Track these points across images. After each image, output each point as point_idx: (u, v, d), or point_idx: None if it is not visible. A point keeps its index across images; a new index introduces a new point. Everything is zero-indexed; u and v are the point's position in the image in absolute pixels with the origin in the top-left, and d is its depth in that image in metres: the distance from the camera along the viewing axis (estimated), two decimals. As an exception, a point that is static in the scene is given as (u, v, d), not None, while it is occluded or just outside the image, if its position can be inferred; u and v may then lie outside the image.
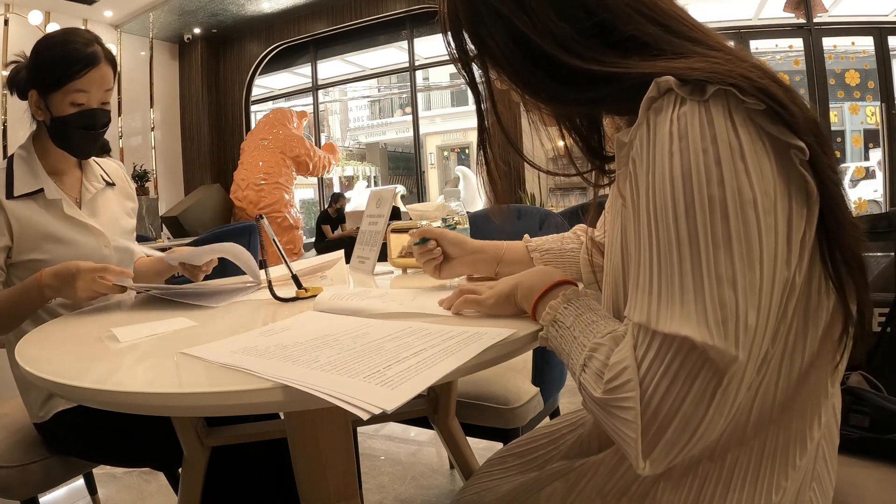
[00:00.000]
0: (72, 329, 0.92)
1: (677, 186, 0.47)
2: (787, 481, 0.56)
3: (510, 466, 0.80)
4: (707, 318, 0.46)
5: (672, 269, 0.48)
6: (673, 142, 0.48)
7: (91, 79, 1.12)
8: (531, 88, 0.63)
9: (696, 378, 0.46)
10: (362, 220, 1.38)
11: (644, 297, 0.50)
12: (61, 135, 1.16)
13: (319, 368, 0.57)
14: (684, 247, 0.47)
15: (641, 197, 0.51)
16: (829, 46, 6.23)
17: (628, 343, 0.50)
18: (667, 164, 0.48)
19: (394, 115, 13.66)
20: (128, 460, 1.20)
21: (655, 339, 0.48)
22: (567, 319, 0.59)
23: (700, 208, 0.46)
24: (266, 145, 7.25)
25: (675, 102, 0.49)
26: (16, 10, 6.57)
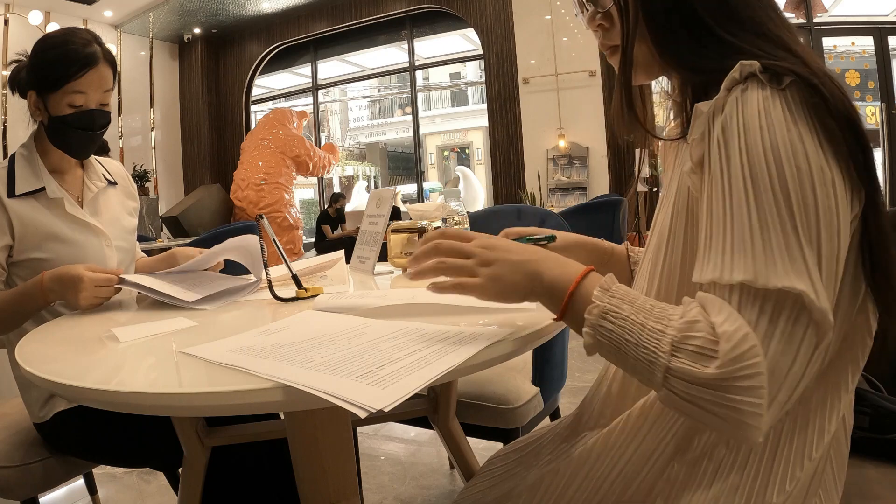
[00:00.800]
0: (72, 329, 0.92)
1: (769, 154, 0.50)
2: (802, 472, 0.57)
3: (511, 466, 0.80)
4: (811, 276, 0.48)
5: (774, 229, 0.49)
6: (761, 116, 0.51)
7: (89, 80, 1.11)
8: (665, 44, 0.62)
9: (804, 337, 0.48)
10: (362, 220, 1.38)
11: (745, 257, 0.49)
12: (59, 135, 1.15)
13: (313, 368, 0.57)
14: (782, 209, 0.49)
15: (733, 161, 0.52)
16: (829, 46, 6.24)
17: (729, 310, 0.49)
18: (758, 136, 0.51)
19: (394, 115, 13.67)
20: (128, 460, 1.20)
21: (769, 298, 0.48)
22: (622, 308, 0.53)
23: (790, 176, 0.49)
24: (266, 145, 7.26)
25: (757, 85, 0.52)
26: (16, 10, 6.57)
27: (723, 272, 0.50)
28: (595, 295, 0.54)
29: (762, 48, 0.57)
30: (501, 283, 0.60)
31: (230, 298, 1.04)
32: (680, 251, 0.63)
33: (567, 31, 6.63)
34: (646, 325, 0.51)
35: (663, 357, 0.49)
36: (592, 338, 0.54)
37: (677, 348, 0.49)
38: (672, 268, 0.63)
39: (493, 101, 7.08)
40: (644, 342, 0.51)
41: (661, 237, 0.65)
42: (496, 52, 7.05)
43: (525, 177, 6.88)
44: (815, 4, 6.03)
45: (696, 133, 0.57)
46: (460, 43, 8.91)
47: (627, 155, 6.35)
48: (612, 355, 0.54)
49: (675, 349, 0.49)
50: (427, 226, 1.22)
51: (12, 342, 1.12)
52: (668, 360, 0.49)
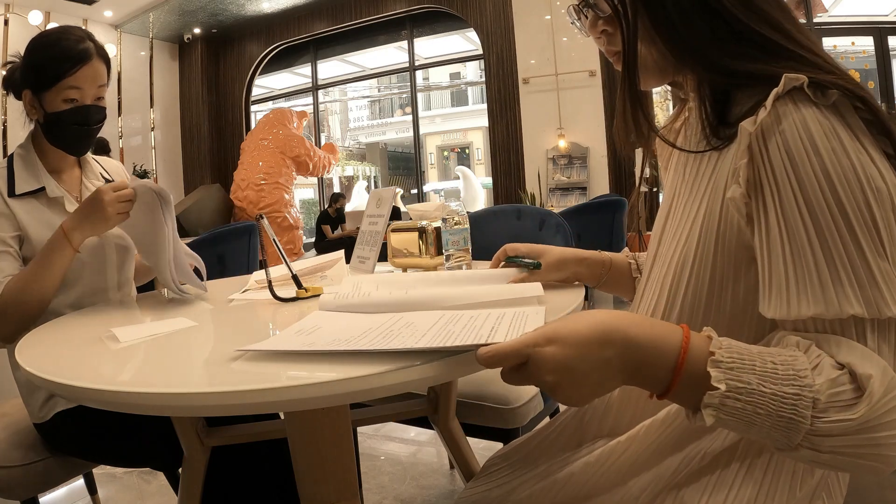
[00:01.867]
0: (72, 329, 0.92)
1: (851, 179, 0.49)
2: (813, 477, 0.57)
3: (511, 466, 0.80)
4: None
5: (872, 255, 0.48)
6: (829, 139, 0.50)
7: (83, 75, 1.12)
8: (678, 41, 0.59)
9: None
10: (362, 220, 1.38)
11: (851, 289, 0.48)
12: (55, 132, 1.15)
13: (413, 341, 0.57)
14: (874, 233, 0.48)
15: (808, 187, 0.50)
16: (829, 46, 6.23)
17: (858, 347, 0.48)
18: (833, 159, 0.49)
19: (394, 115, 13.66)
20: (128, 460, 1.20)
21: (882, 327, 0.48)
22: (747, 381, 0.47)
23: (873, 199, 0.48)
24: (266, 145, 7.26)
25: (807, 102, 0.51)
26: (16, 10, 6.57)
27: (828, 306, 0.49)
28: (713, 376, 0.48)
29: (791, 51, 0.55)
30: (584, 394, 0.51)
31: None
32: (708, 276, 0.60)
33: (567, 31, 6.62)
34: (776, 393, 0.47)
35: (805, 422, 0.46)
36: (716, 418, 0.48)
37: (821, 409, 0.46)
38: (698, 293, 0.61)
39: (493, 101, 7.07)
40: (779, 411, 0.47)
41: (684, 260, 0.62)
42: (496, 52, 7.05)
43: (525, 177, 6.88)
44: (815, 4, 6.03)
45: (743, 155, 0.53)
46: (460, 43, 8.91)
47: (627, 155, 6.35)
48: (739, 429, 0.49)
49: (818, 410, 0.46)
50: (427, 226, 1.22)
51: None
52: (811, 422, 0.46)
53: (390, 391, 0.55)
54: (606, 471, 0.65)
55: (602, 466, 0.65)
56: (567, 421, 0.78)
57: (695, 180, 0.64)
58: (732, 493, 0.57)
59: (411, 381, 0.56)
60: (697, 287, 0.61)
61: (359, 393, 0.55)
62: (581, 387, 0.50)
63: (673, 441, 0.61)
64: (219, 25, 8.63)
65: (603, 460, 0.65)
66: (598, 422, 0.73)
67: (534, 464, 0.76)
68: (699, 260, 0.60)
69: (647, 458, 0.62)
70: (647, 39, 0.61)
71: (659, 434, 0.62)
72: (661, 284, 0.66)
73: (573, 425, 0.76)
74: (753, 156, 0.53)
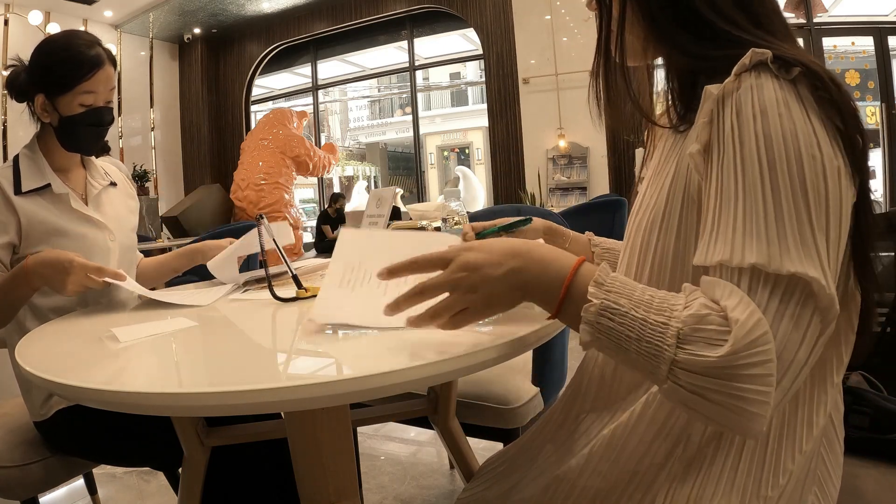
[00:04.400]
0: (72, 329, 0.92)
1: (788, 142, 0.50)
2: (794, 465, 0.57)
3: (511, 464, 0.80)
4: (822, 261, 0.48)
5: (789, 215, 0.49)
6: (779, 106, 0.51)
7: (98, 80, 1.15)
8: (654, 25, 0.63)
9: (810, 324, 0.48)
10: (362, 220, 1.38)
11: (758, 240, 0.49)
12: (70, 134, 1.18)
13: None
14: (797, 195, 0.49)
15: (748, 145, 0.52)
16: (829, 46, 6.24)
17: (739, 294, 0.49)
18: (777, 123, 0.51)
19: (394, 115, 13.66)
20: (128, 460, 1.20)
21: (779, 283, 0.48)
22: (620, 303, 0.51)
23: (808, 165, 0.50)
24: (266, 145, 7.26)
25: (769, 73, 0.53)
26: (16, 10, 6.57)
27: (733, 254, 0.50)
28: (591, 292, 0.53)
29: (763, 37, 0.58)
30: (493, 303, 0.58)
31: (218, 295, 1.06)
32: (674, 235, 0.62)
33: (567, 31, 6.63)
34: (647, 318, 0.50)
35: (668, 350, 0.48)
36: (591, 335, 0.53)
37: (684, 340, 0.48)
38: (665, 251, 0.63)
39: (493, 101, 7.08)
40: (647, 337, 0.50)
41: (654, 219, 0.64)
42: (496, 52, 7.05)
43: (525, 177, 6.88)
44: (815, 4, 6.03)
45: (703, 116, 0.57)
46: (460, 43, 8.91)
47: (627, 155, 6.35)
48: (612, 351, 0.53)
49: (682, 341, 0.48)
50: (427, 226, 1.22)
51: (15, 341, 1.12)
52: (675, 352, 0.48)
53: (390, 391, 0.55)
54: (602, 467, 0.65)
55: (599, 463, 0.65)
56: (556, 408, 0.78)
57: (669, 154, 0.67)
58: (721, 482, 0.58)
59: (411, 381, 0.56)
60: (665, 246, 0.63)
61: (359, 393, 0.55)
62: (493, 288, 0.57)
63: (657, 428, 0.62)
64: (219, 25, 8.63)
65: (598, 456, 0.66)
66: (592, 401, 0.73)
67: (530, 459, 0.76)
68: (666, 219, 0.63)
69: (637, 448, 0.63)
70: (633, 23, 0.65)
71: (648, 422, 0.62)
72: (633, 246, 0.68)
73: (561, 409, 0.76)
74: (713, 118, 0.56)
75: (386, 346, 0.67)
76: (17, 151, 1.22)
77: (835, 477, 0.62)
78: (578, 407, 0.74)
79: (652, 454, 0.62)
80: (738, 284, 0.50)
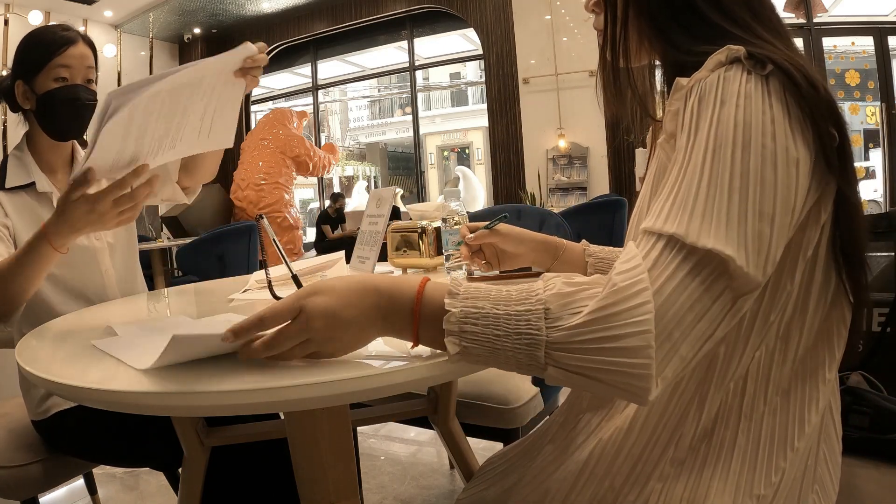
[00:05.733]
0: (72, 329, 0.92)
1: (738, 129, 0.51)
2: (786, 462, 0.57)
3: (510, 462, 0.80)
4: (746, 243, 0.49)
5: (721, 195, 0.50)
6: (740, 96, 0.52)
7: (71, 55, 1.16)
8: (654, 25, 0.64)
9: (718, 297, 0.49)
10: (362, 220, 1.38)
11: (683, 214, 0.50)
12: (47, 115, 1.17)
13: None
14: (735, 179, 0.50)
15: (702, 131, 0.53)
16: (829, 46, 6.23)
17: (638, 261, 0.50)
18: (732, 112, 0.52)
19: (394, 115, 13.66)
20: (128, 460, 1.20)
21: (692, 255, 0.49)
22: (479, 305, 0.51)
23: (755, 152, 0.50)
24: (266, 145, 7.25)
25: (741, 68, 0.54)
26: (16, 10, 6.57)
27: (656, 221, 0.52)
28: (447, 303, 0.51)
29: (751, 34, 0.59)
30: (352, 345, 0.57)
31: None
32: None
33: (567, 31, 6.63)
34: (510, 312, 0.50)
35: (541, 333, 0.48)
36: (458, 345, 0.51)
37: (552, 318, 0.48)
38: None
39: (493, 101, 7.07)
40: (514, 328, 0.49)
41: (640, 210, 0.67)
42: (496, 52, 7.05)
43: (525, 177, 6.88)
44: (815, 4, 6.03)
45: (672, 105, 0.58)
46: (460, 43, 8.91)
47: (627, 155, 6.35)
48: (485, 356, 0.51)
49: (550, 319, 0.48)
50: (427, 226, 1.22)
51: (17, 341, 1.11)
52: (546, 333, 0.48)
53: (390, 391, 0.55)
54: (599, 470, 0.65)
55: (596, 466, 0.65)
56: (560, 410, 0.79)
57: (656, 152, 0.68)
58: (714, 481, 0.58)
59: (411, 381, 0.56)
60: None
61: (359, 393, 0.55)
62: (346, 332, 0.55)
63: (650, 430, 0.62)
64: (219, 25, 8.63)
65: (595, 458, 0.66)
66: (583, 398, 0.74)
67: (530, 459, 0.76)
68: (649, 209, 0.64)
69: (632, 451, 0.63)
70: (633, 21, 0.66)
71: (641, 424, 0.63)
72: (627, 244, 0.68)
73: (564, 410, 0.77)
74: (680, 107, 0.57)
75: (386, 346, 0.67)
76: None
77: (834, 476, 0.62)
78: (578, 407, 0.74)
79: (646, 456, 0.62)
80: (652, 247, 0.50)
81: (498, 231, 0.93)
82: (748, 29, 0.60)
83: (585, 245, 0.96)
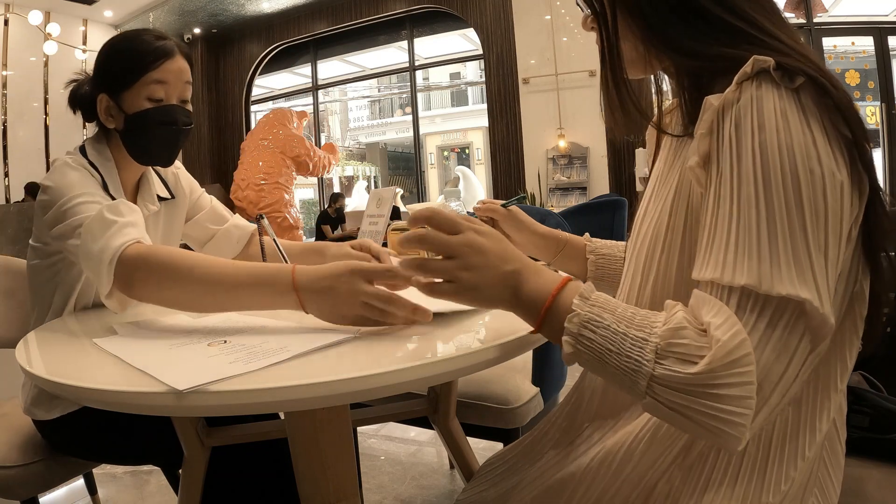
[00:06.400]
0: (72, 329, 0.91)
1: (784, 157, 0.49)
2: (796, 472, 0.57)
3: (510, 464, 0.80)
4: (818, 283, 0.47)
5: (783, 234, 0.48)
6: (777, 118, 0.50)
7: (167, 69, 1.02)
8: (656, 31, 0.61)
9: (799, 343, 0.48)
10: (362, 220, 1.38)
11: (749, 260, 0.49)
12: (137, 137, 1.04)
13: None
14: (792, 213, 0.48)
15: (745, 159, 0.51)
16: (829, 46, 6.24)
17: (727, 313, 0.48)
18: (774, 138, 0.50)
19: (394, 115, 13.67)
20: (128, 460, 1.20)
21: (769, 304, 0.48)
22: (603, 317, 0.52)
23: (804, 180, 0.49)
24: (266, 145, 7.26)
25: (771, 83, 0.52)
26: (16, 10, 6.57)
27: (724, 272, 0.50)
28: (575, 304, 0.53)
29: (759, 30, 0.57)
30: (477, 292, 0.57)
31: None
32: (678, 250, 0.61)
33: (567, 31, 6.63)
34: (628, 333, 0.50)
35: (647, 365, 0.48)
36: (573, 347, 0.53)
37: (662, 356, 0.48)
38: (668, 267, 0.62)
39: (493, 101, 7.08)
40: (627, 351, 0.50)
41: (657, 234, 0.64)
42: (496, 52, 7.05)
43: (525, 177, 6.88)
44: (815, 4, 6.04)
45: (703, 127, 0.55)
46: (460, 43, 8.91)
47: (627, 155, 6.35)
48: (593, 365, 0.52)
49: (660, 356, 0.48)
50: (427, 226, 1.22)
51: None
52: (653, 367, 0.48)
53: (390, 391, 0.55)
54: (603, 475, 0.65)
55: (599, 470, 0.65)
56: (560, 412, 0.78)
57: (674, 162, 0.66)
58: (722, 488, 0.57)
59: (411, 381, 0.56)
60: (669, 262, 0.62)
61: (359, 393, 0.55)
62: (488, 277, 0.57)
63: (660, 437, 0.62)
64: (219, 25, 8.63)
65: (598, 463, 0.66)
66: (589, 408, 0.73)
67: (531, 462, 0.76)
68: (670, 234, 0.62)
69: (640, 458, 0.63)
70: (628, 34, 0.64)
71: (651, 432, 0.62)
72: (637, 260, 0.67)
73: (566, 414, 0.76)
74: (712, 129, 0.55)
75: (386, 346, 0.67)
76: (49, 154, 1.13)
77: (835, 478, 0.62)
78: (582, 415, 0.74)
79: (655, 463, 0.61)
80: (727, 303, 0.49)
81: (507, 212, 0.94)
82: (754, 24, 0.58)
83: (588, 240, 0.96)
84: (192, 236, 1.28)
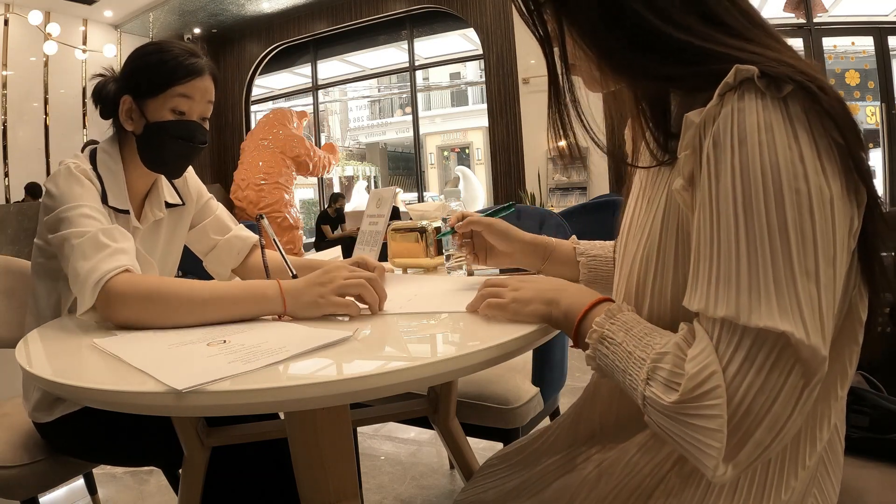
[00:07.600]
0: (72, 329, 0.92)
1: (766, 175, 0.46)
2: (797, 481, 0.56)
3: (510, 466, 0.80)
4: (802, 314, 0.45)
5: (764, 261, 0.46)
6: (760, 132, 0.47)
7: (195, 86, 1.04)
8: (605, 53, 0.59)
9: (788, 376, 0.46)
10: (362, 220, 1.38)
11: (728, 290, 0.47)
12: (153, 146, 1.05)
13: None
14: (775, 239, 0.46)
15: (723, 181, 0.48)
16: (829, 46, 6.24)
17: (705, 343, 0.48)
18: (756, 153, 0.47)
19: (394, 115, 13.67)
20: (128, 460, 1.20)
21: (747, 336, 0.46)
22: (617, 335, 0.56)
23: (789, 201, 0.46)
24: (266, 145, 7.26)
25: (755, 93, 0.48)
26: (16, 10, 6.57)
27: (707, 304, 0.49)
28: (597, 321, 0.58)
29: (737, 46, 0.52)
30: (522, 304, 0.69)
31: None
32: (671, 271, 0.59)
33: (567, 31, 6.62)
34: (633, 353, 0.53)
35: (641, 385, 0.51)
36: (592, 361, 0.59)
37: (651, 377, 0.51)
38: (662, 291, 0.60)
39: (493, 101, 7.08)
40: (629, 370, 0.53)
41: (649, 256, 0.61)
42: (496, 52, 7.05)
43: (525, 177, 6.88)
44: (815, 4, 6.03)
45: (685, 147, 0.52)
46: (460, 43, 8.91)
47: (627, 155, 6.35)
48: (610, 377, 0.57)
49: (649, 378, 0.51)
50: (427, 225, 1.22)
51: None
52: (644, 387, 0.51)
53: (390, 391, 0.55)
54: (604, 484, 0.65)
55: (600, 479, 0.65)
56: (564, 422, 0.78)
57: (657, 178, 0.63)
58: (721, 499, 0.57)
59: (411, 381, 0.56)
60: (663, 286, 0.60)
61: (359, 393, 0.55)
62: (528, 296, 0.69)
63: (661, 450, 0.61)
64: (219, 25, 8.63)
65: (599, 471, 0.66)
66: (591, 421, 0.73)
67: (531, 466, 0.76)
68: (662, 256, 0.60)
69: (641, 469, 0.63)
70: (581, 54, 0.61)
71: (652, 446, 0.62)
72: (628, 283, 0.65)
73: (569, 425, 0.76)
74: (695, 148, 0.52)
75: (386, 346, 0.67)
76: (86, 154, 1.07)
77: (835, 479, 0.62)
78: (589, 429, 0.73)
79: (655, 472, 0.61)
80: (711, 333, 0.49)
81: (491, 224, 0.93)
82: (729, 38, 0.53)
83: (575, 243, 0.95)
84: (195, 245, 1.29)
